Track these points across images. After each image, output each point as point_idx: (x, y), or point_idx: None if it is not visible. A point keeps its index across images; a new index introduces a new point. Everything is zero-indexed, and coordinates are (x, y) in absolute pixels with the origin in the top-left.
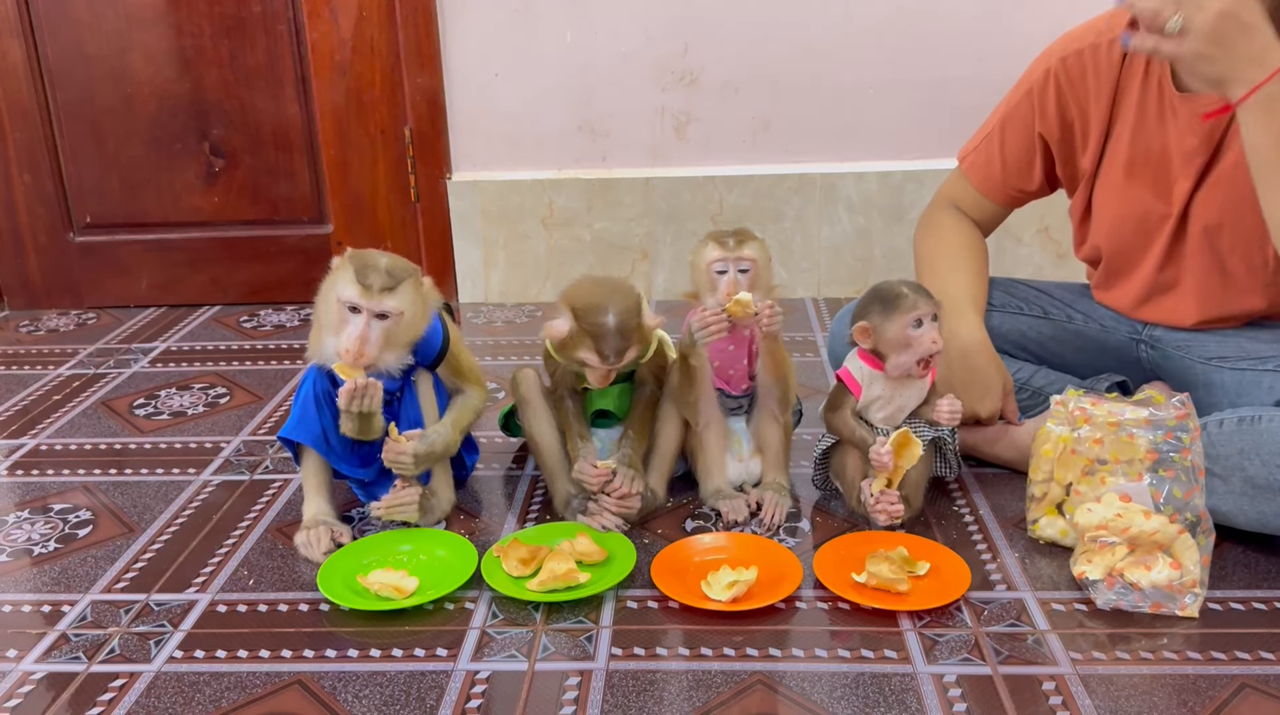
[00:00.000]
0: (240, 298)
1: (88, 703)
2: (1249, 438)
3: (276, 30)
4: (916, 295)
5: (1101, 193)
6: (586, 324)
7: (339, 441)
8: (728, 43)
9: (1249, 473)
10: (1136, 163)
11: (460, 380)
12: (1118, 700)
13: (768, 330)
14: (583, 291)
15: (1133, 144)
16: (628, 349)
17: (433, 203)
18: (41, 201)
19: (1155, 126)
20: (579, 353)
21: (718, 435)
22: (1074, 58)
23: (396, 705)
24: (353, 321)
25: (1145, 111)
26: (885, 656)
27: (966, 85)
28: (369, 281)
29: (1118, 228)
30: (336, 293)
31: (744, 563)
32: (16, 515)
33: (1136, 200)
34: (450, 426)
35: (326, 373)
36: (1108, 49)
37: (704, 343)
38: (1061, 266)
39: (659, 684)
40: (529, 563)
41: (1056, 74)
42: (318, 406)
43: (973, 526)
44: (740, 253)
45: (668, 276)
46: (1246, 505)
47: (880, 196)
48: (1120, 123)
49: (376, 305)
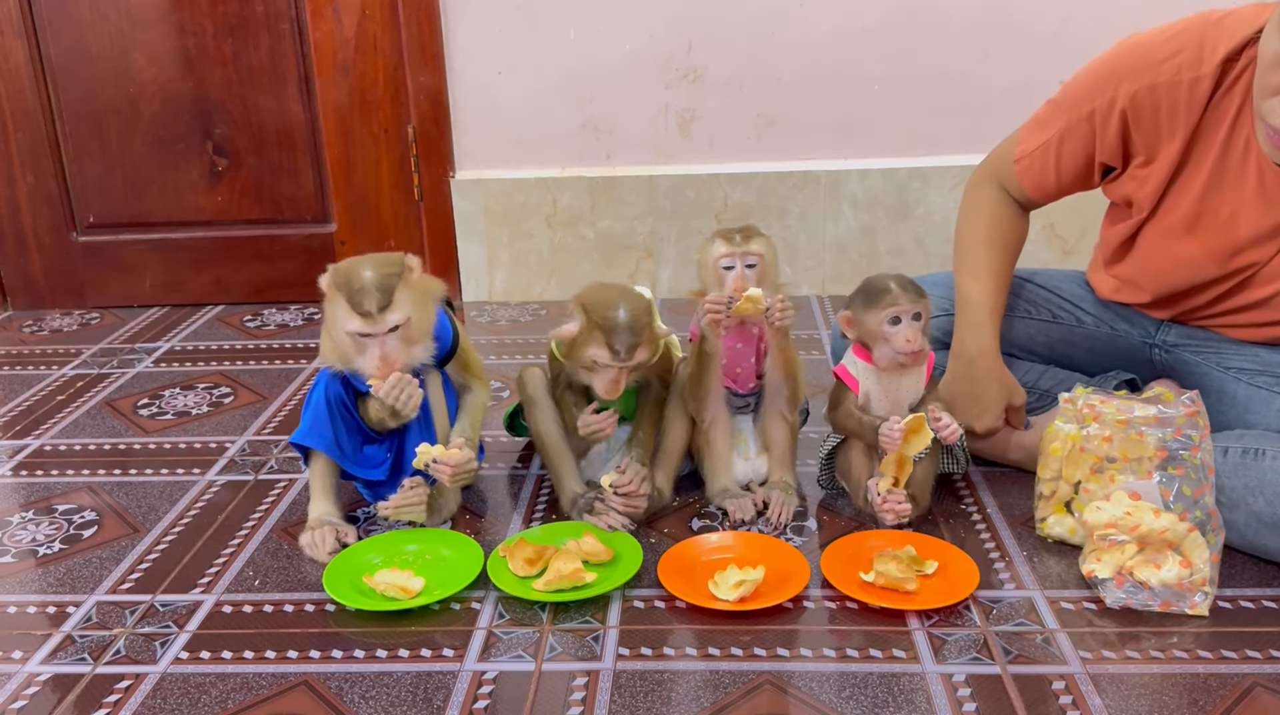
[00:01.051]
0: (244, 297)
1: (93, 704)
2: (1254, 474)
3: (279, 29)
4: (901, 292)
5: (1157, 237)
6: (598, 318)
7: (350, 445)
8: (731, 40)
9: (1254, 508)
10: (1205, 218)
11: (468, 376)
12: (1128, 699)
13: (779, 325)
14: (594, 292)
15: (1203, 198)
16: (638, 347)
17: (436, 201)
18: (45, 201)
19: (1233, 187)
20: (589, 350)
21: (724, 434)
22: (1146, 93)
23: (403, 706)
24: (368, 346)
25: (1226, 166)
26: (894, 656)
27: (972, 81)
28: (366, 308)
29: (1166, 276)
30: (341, 327)
31: (751, 562)
32: (21, 516)
33: (1191, 257)
34: (469, 427)
35: (339, 378)
36: (1190, 89)
37: (705, 327)
38: (1066, 263)
39: (666, 684)
40: (535, 563)
41: (1124, 109)
42: (329, 412)
43: (981, 525)
44: (747, 248)
45: (672, 275)
46: (1252, 536)
47: (885, 193)
48: (1193, 168)
49: (382, 325)
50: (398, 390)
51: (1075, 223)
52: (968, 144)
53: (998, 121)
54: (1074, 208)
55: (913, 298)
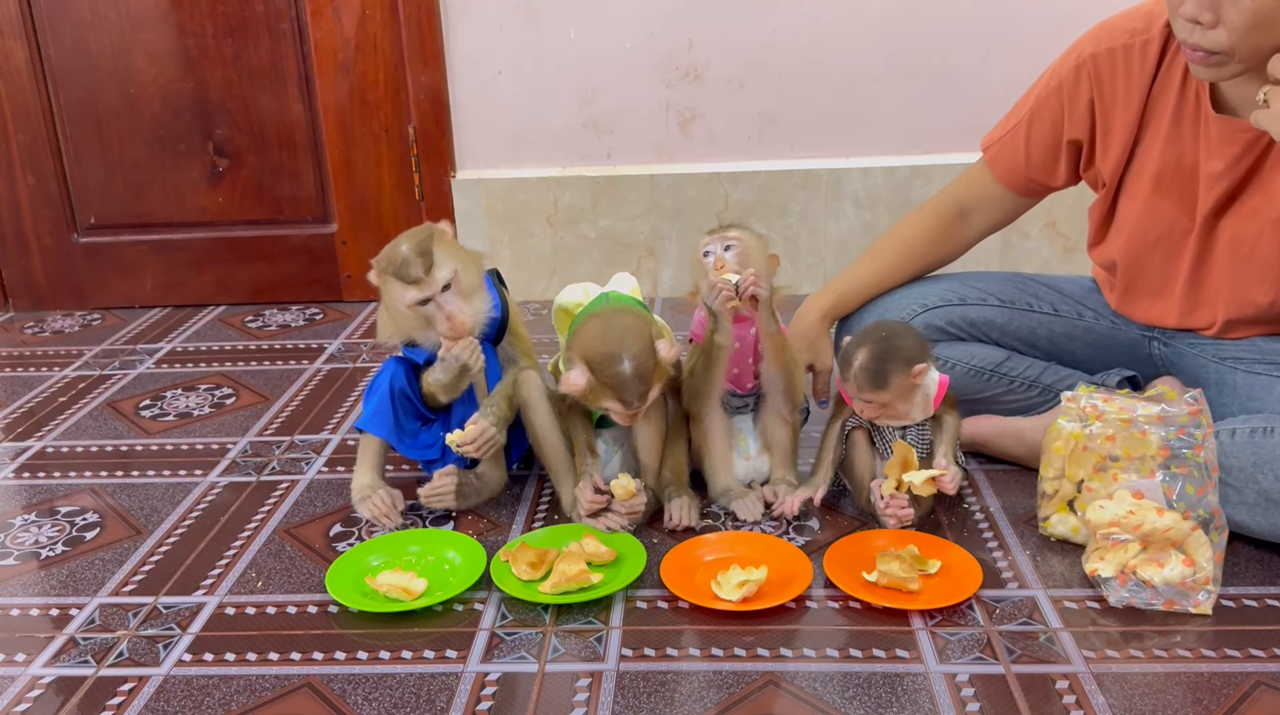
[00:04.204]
0: (245, 298)
1: (97, 707)
2: (1262, 451)
3: (280, 29)
4: (856, 379)
5: (1127, 201)
6: (604, 377)
7: (409, 429)
8: (732, 38)
9: (1262, 486)
10: (1166, 174)
11: (518, 352)
12: (1131, 699)
13: (750, 292)
14: (593, 340)
15: (1164, 155)
16: (649, 391)
17: (437, 201)
18: (46, 202)
19: (1189, 141)
20: (602, 403)
21: (722, 434)
22: (1105, 56)
23: (407, 707)
24: (433, 312)
25: (1180, 123)
26: (897, 656)
27: (973, 79)
28: (413, 276)
29: (1139, 237)
30: (400, 304)
31: (754, 562)
32: (23, 518)
33: (1161, 213)
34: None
35: (404, 365)
36: (1141, 51)
37: (714, 304)
38: (1069, 261)
39: (670, 685)
40: (538, 566)
41: (1088, 71)
42: (393, 402)
43: (983, 524)
44: (725, 234)
45: (673, 273)
46: (1260, 516)
47: (886, 191)
48: (1152, 130)
49: (434, 286)
50: (468, 350)
51: (1077, 221)
52: (969, 141)
53: (999, 118)
54: (1076, 206)
55: (861, 388)
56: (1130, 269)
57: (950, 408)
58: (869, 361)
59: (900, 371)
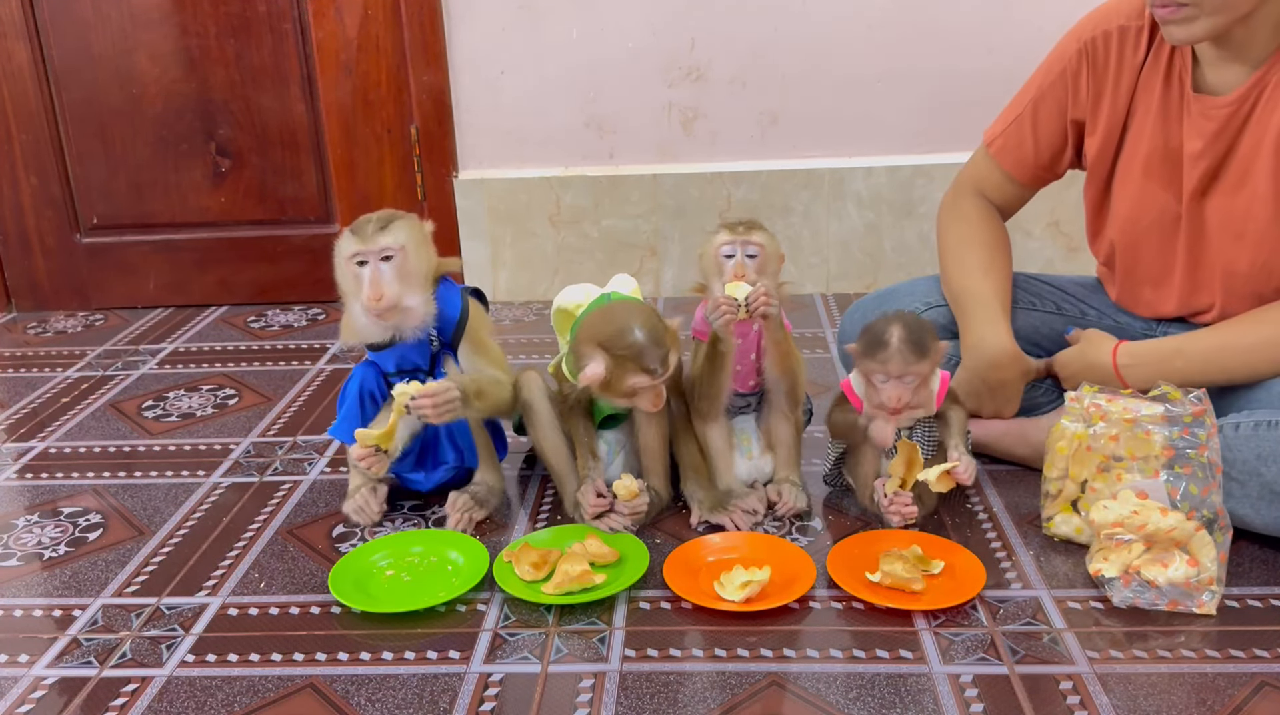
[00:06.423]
0: (248, 298)
1: (100, 708)
2: (1266, 443)
3: (282, 29)
4: (897, 353)
5: (1120, 188)
6: (622, 350)
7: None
8: (734, 37)
9: (1266, 478)
10: (1154, 159)
11: (483, 362)
12: (1135, 699)
13: (758, 313)
14: (601, 324)
15: (1151, 139)
16: (669, 354)
17: (439, 201)
18: (48, 203)
19: (1174, 124)
20: (628, 381)
21: (723, 434)
22: (1103, 39)
23: (410, 708)
24: (364, 274)
25: (1167, 107)
26: (900, 656)
27: (976, 78)
28: (364, 229)
29: (1133, 223)
30: (342, 255)
31: (757, 562)
32: (26, 519)
33: (1153, 197)
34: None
35: (374, 370)
36: (1135, 37)
37: (716, 325)
38: (1072, 260)
39: (673, 685)
40: (541, 567)
41: (1089, 53)
42: (362, 406)
43: (987, 524)
44: (749, 238)
45: (676, 273)
46: (1264, 509)
47: (889, 191)
48: (1141, 115)
49: (375, 246)
50: (445, 411)
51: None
52: (972, 141)
53: None
54: (1079, 206)
55: (907, 361)
56: (1127, 256)
57: (954, 402)
58: (907, 334)
59: (934, 339)
